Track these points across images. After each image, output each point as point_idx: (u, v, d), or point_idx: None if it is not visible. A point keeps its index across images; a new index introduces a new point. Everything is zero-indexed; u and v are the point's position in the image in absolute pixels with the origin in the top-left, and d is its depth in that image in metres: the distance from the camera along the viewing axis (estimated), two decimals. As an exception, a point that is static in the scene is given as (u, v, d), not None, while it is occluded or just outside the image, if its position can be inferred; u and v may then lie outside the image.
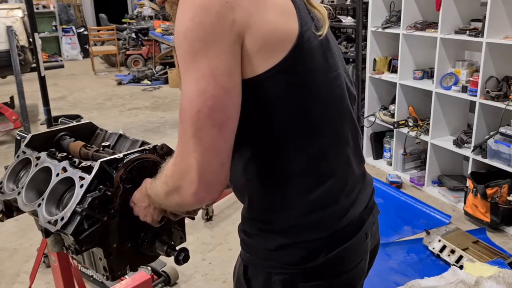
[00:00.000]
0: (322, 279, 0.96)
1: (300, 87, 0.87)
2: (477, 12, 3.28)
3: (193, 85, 0.78)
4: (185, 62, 0.79)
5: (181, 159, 0.83)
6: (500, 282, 2.06)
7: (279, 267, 0.96)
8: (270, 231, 0.96)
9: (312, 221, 0.94)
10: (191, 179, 0.82)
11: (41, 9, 10.66)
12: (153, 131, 5.28)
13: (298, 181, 0.92)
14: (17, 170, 1.35)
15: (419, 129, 3.62)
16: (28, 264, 2.69)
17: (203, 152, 0.80)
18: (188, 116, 0.79)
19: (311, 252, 0.94)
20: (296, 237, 0.94)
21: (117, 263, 1.21)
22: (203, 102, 0.78)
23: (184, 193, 0.85)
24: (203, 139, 0.80)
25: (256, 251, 0.99)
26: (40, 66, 3.68)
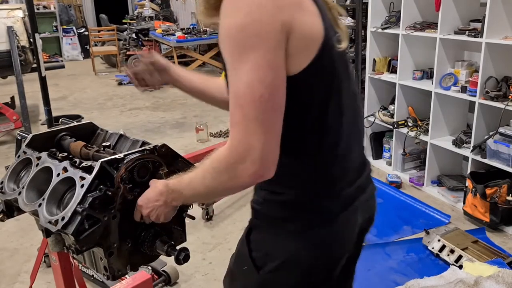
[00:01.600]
0: (318, 249, 1.08)
1: (329, 82, 0.99)
2: (477, 12, 3.28)
3: (252, 73, 0.87)
4: (240, 53, 0.87)
5: (240, 141, 0.89)
6: (500, 282, 2.07)
7: (281, 233, 1.08)
8: (277, 201, 1.07)
9: (314, 192, 1.06)
10: (253, 159, 0.88)
11: (41, 9, 10.66)
12: (154, 131, 5.28)
13: (311, 161, 1.04)
14: (18, 170, 1.36)
15: (418, 129, 3.62)
16: (29, 264, 2.69)
17: (266, 133, 0.88)
18: (251, 100, 0.87)
19: (312, 221, 1.06)
20: (299, 207, 1.06)
21: (117, 263, 1.21)
22: (265, 89, 0.87)
23: (242, 174, 0.90)
24: (265, 121, 0.88)
25: (262, 216, 1.11)
26: (40, 66, 3.68)
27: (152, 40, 8.73)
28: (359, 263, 1.36)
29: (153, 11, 10.44)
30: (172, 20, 10.46)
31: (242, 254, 1.15)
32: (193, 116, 5.88)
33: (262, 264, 1.10)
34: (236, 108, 0.89)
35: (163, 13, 10.58)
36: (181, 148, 4.61)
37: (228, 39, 0.89)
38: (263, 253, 1.11)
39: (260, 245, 1.12)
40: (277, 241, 1.08)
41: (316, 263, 1.10)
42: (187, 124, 5.56)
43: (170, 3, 11.16)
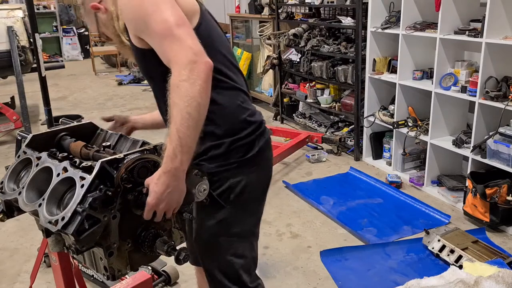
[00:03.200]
0: (260, 164, 1.42)
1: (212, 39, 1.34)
2: (477, 12, 3.28)
3: (165, 13, 1.17)
4: (150, 11, 1.17)
5: (180, 52, 1.14)
6: (500, 282, 2.07)
7: (230, 164, 1.35)
8: (217, 138, 1.35)
9: (239, 121, 1.36)
10: (195, 51, 1.14)
11: (41, 9, 10.66)
12: (154, 131, 5.24)
13: (218, 98, 1.32)
14: (18, 170, 1.36)
15: (418, 129, 3.62)
16: (29, 264, 2.69)
17: (192, 37, 1.17)
18: (171, 27, 1.16)
19: (248, 146, 1.37)
20: (236, 135, 1.35)
21: (117, 263, 1.21)
22: (176, 16, 1.18)
23: (199, 66, 1.13)
24: (187, 32, 1.18)
25: (211, 161, 1.35)
26: (40, 66, 3.68)
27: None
28: (359, 263, 1.38)
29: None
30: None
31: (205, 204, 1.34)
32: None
33: (226, 196, 1.36)
34: (164, 41, 1.16)
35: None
36: (181, 148, 4.60)
37: (136, 7, 1.20)
38: (225, 188, 1.35)
39: (219, 184, 1.35)
40: (231, 172, 1.35)
41: (263, 177, 1.46)
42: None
43: (170, 3, 11.15)
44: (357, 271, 2.58)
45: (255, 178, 1.41)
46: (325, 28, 4.91)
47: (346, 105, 4.42)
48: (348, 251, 2.74)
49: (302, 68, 4.92)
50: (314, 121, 5.10)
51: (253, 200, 1.45)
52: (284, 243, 2.92)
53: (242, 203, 1.40)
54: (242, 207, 1.41)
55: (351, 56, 4.25)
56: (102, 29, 1.41)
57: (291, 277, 2.58)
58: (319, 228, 3.08)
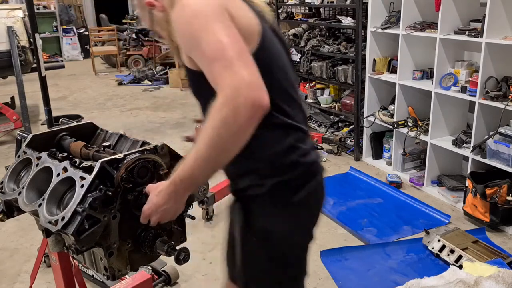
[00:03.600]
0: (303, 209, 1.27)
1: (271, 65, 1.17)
2: (477, 12, 3.28)
3: (218, 34, 1.02)
4: (199, 31, 1.03)
5: (231, 81, 0.98)
6: (500, 282, 2.07)
7: (271, 206, 1.22)
8: (260, 177, 1.21)
9: (288, 161, 1.20)
10: (246, 85, 0.98)
11: (41, 9, 10.66)
12: (154, 131, 5.28)
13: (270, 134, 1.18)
14: (18, 170, 1.36)
15: (418, 129, 3.62)
16: (29, 264, 2.69)
17: (247, 64, 1.01)
18: (222, 49, 1.01)
19: (296, 187, 1.22)
20: (281, 176, 1.20)
21: (117, 263, 1.21)
22: (231, 39, 1.03)
23: (245, 104, 0.97)
24: (243, 57, 1.02)
25: (254, 198, 1.23)
26: (40, 66, 3.68)
27: (152, 40, 8.73)
28: (359, 263, 1.39)
29: (153, 11, 10.43)
30: (172, 20, 10.46)
31: (243, 238, 1.26)
32: (193, 116, 5.89)
33: (264, 238, 1.24)
34: (214, 65, 1.01)
35: (163, 13, 10.57)
36: (181, 148, 4.57)
37: (185, 26, 1.06)
38: (263, 229, 1.23)
39: (258, 224, 1.23)
40: (272, 214, 1.23)
41: (306, 222, 1.32)
42: (187, 124, 5.56)
43: (170, 3, 11.15)
44: (357, 271, 2.58)
45: (297, 223, 1.28)
46: (325, 28, 4.91)
47: (346, 105, 4.42)
48: (348, 251, 2.74)
49: (302, 68, 4.92)
50: (314, 121, 5.10)
51: (292, 246, 1.30)
52: (284, 243, 2.92)
53: (281, 250, 1.27)
54: (281, 252, 1.28)
55: (351, 56, 4.26)
56: (156, 27, 1.27)
57: (291, 277, 2.57)
58: (319, 228, 3.05)
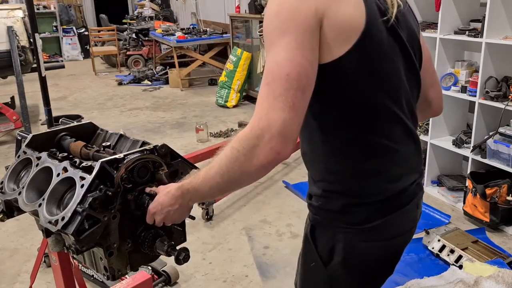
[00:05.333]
0: (379, 240, 1.10)
1: (367, 72, 0.99)
2: (477, 12, 3.28)
3: (283, 54, 0.90)
4: (274, 36, 0.92)
5: (262, 117, 0.90)
6: (500, 282, 2.06)
7: (342, 227, 1.09)
8: (334, 192, 1.09)
9: (369, 184, 1.07)
10: (272, 134, 0.89)
11: (41, 9, 10.67)
12: (154, 131, 5.28)
13: (353, 150, 1.05)
14: (18, 170, 1.36)
15: (418, 129, 3.62)
16: (29, 264, 2.69)
17: (288, 111, 0.89)
18: (277, 78, 0.90)
19: (371, 213, 1.07)
20: (356, 199, 1.07)
21: (117, 263, 1.21)
22: (293, 67, 0.90)
23: (260, 151, 0.90)
24: (289, 99, 0.89)
25: (322, 212, 1.13)
26: (40, 66, 3.68)
27: (152, 40, 8.73)
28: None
29: (153, 11, 10.45)
30: (172, 20, 10.47)
31: (308, 251, 1.18)
32: (193, 116, 5.89)
33: (328, 259, 1.13)
34: (263, 86, 0.92)
35: (163, 13, 10.59)
36: (181, 148, 4.61)
37: (266, 24, 0.95)
38: (328, 248, 1.13)
39: (324, 241, 1.13)
40: (339, 235, 1.10)
41: (376, 254, 1.13)
42: (187, 124, 5.56)
43: (170, 3, 11.16)
44: (357, 271, 2.58)
45: (364, 254, 1.12)
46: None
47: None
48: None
49: (302, 68, 4.91)
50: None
51: (357, 278, 1.16)
52: (284, 243, 2.92)
53: (343, 276, 1.15)
54: (343, 281, 1.16)
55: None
56: None
57: (291, 277, 2.57)
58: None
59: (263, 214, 3.29)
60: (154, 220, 1.18)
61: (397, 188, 1.09)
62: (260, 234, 3.01)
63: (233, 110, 6.16)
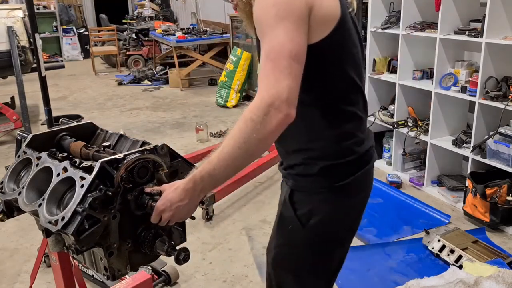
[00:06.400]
0: (351, 196, 1.30)
1: (342, 52, 1.20)
2: (477, 12, 3.28)
3: (284, 35, 1.06)
4: (273, 22, 1.07)
5: (271, 88, 1.04)
6: (500, 282, 2.07)
7: (319, 187, 1.27)
8: (312, 158, 1.26)
9: (343, 147, 1.25)
10: (282, 100, 1.03)
11: (41, 9, 10.67)
12: (154, 131, 5.28)
13: (330, 119, 1.24)
14: (18, 170, 1.36)
15: (418, 129, 3.62)
16: (29, 264, 2.69)
17: (292, 80, 1.05)
18: (281, 54, 1.05)
19: (344, 172, 1.26)
20: (332, 161, 1.25)
21: (117, 263, 1.21)
22: (293, 45, 1.06)
23: (273, 117, 1.03)
24: (292, 71, 1.05)
25: (300, 178, 1.29)
26: (40, 66, 3.68)
27: (152, 40, 8.73)
28: (359, 263, 1.40)
29: (153, 11, 10.44)
30: (172, 20, 10.47)
31: (286, 216, 1.33)
32: (193, 116, 5.89)
33: (306, 220, 1.28)
34: (267, 62, 1.06)
35: (163, 13, 10.59)
36: (181, 148, 4.61)
37: (262, 12, 1.09)
38: (307, 210, 1.28)
39: (303, 204, 1.29)
40: (317, 196, 1.27)
41: (351, 211, 1.33)
42: (187, 124, 5.56)
43: (170, 3, 11.16)
44: (357, 271, 2.58)
45: (340, 209, 1.30)
46: (325, 28, 4.91)
47: (346, 105, 4.41)
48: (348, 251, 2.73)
49: (302, 68, 4.92)
50: (314, 121, 5.10)
51: (330, 234, 1.33)
52: (284, 243, 2.92)
53: (320, 234, 1.31)
54: (321, 238, 1.32)
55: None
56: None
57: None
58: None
59: (263, 214, 3.29)
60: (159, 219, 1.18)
61: (362, 150, 1.29)
62: (260, 234, 3.00)
63: (233, 110, 6.16)
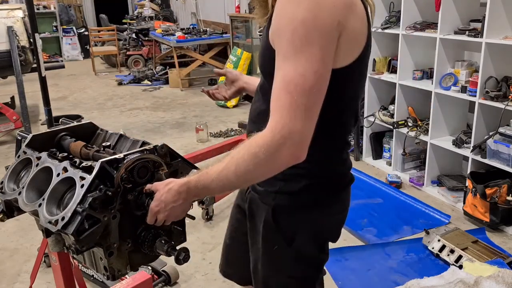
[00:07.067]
0: (336, 214, 1.28)
1: (361, 76, 1.13)
2: (477, 12, 3.28)
3: (308, 65, 0.94)
4: (299, 44, 0.94)
5: (285, 125, 0.95)
6: (500, 282, 2.07)
7: (302, 205, 1.20)
8: (296, 174, 1.16)
9: (328, 167, 1.20)
10: (295, 141, 0.96)
11: (41, 9, 10.67)
12: (154, 131, 5.28)
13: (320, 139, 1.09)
14: (18, 170, 1.36)
15: (418, 129, 3.62)
16: (29, 264, 2.69)
17: (309, 119, 0.96)
18: (301, 89, 0.94)
19: (329, 191, 1.22)
20: (318, 179, 1.19)
21: (117, 263, 1.21)
22: (317, 80, 0.95)
23: (281, 156, 0.96)
24: (310, 109, 0.96)
25: (282, 196, 1.20)
26: (40, 66, 3.68)
27: (152, 40, 8.73)
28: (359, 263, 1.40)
29: (153, 11, 10.45)
30: (172, 20, 10.47)
31: (271, 237, 1.24)
32: (193, 116, 5.89)
33: (291, 238, 1.22)
34: (285, 93, 0.95)
35: (163, 13, 10.59)
36: (181, 148, 4.61)
37: (289, 29, 0.95)
38: (292, 229, 1.22)
39: (287, 223, 1.21)
40: (302, 215, 1.20)
41: (334, 227, 1.31)
42: (187, 124, 5.56)
43: (170, 3, 11.17)
44: (357, 271, 2.58)
45: (324, 226, 1.27)
46: (325, 28, 4.91)
47: (346, 105, 4.41)
48: (348, 251, 2.74)
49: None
50: (314, 121, 5.10)
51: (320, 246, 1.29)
52: (284, 243, 2.92)
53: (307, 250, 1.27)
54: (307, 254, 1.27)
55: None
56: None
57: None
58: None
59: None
60: (155, 220, 1.18)
61: (346, 169, 1.25)
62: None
63: (233, 110, 6.16)
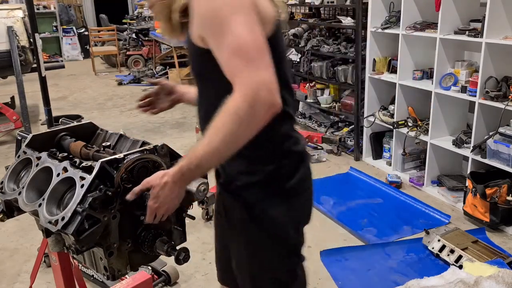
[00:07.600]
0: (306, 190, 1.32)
1: (278, 54, 1.16)
2: (477, 12, 3.28)
3: (243, 28, 1.02)
4: (228, 18, 1.02)
5: (249, 80, 1.00)
6: (500, 282, 2.07)
7: (270, 193, 1.24)
8: (255, 164, 1.23)
9: (283, 149, 1.24)
10: (267, 89, 1.00)
11: (41, 9, 10.67)
12: (154, 131, 5.28)
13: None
14: (18, 170, 1.36)
15: (418, 129, 3.62)
16: (29, 264, 2.69)
17: (267, 67, 1.03)
18: (245, 46, 1.01)
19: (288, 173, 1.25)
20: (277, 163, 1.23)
21: (117, 263, 1.21)
22: (256, 35, 1.03)
23: (261, 107, 1.00)
24: (265, 59, 1.03)
25: (250, 188, 1.25)
26: (40, 66, 3.68)
27: (152, 40, 8.73)
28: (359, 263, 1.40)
29: (153, 11, 10.43)
30: (172, 20, 10.45)
31: (253, 233, 1.27)
32: (193, 116, 5.88)
33: (269, 229, 1.27)
34: (234, 59, 1.01)
35: (163, 13, 10.57)
36: (181, 148, 4.61)
37: (214, 13, 1.03)
38: (267, 219, 1.25)
39: (261, 214, 1.25)
40: (271, 202, 1.24)
41: (305, 206, 1.35)
42: (187, 124, 5.56)
43: (170, 3, 11.14)
44: (357, 271, 2.58)
45: (295, 207, 1.30)
46: (325, 28, 4.91)
47: (346, 105, 4.42)
48: (348, 251, 2.74)
49: (302, 68, 4.92)
50: (314, 121, 5.10)
51: (291, 232, 1.32)
52: (284, 243, 2.92)
53: (286, 236, 1.31)
54: (282, 238, 1.31)
55: (351, 56, 4.25)
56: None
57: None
58: (319, 228, 3.08)
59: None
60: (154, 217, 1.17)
61: (301, 148, 1.28)
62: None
63: (233, 110, 6.15)
